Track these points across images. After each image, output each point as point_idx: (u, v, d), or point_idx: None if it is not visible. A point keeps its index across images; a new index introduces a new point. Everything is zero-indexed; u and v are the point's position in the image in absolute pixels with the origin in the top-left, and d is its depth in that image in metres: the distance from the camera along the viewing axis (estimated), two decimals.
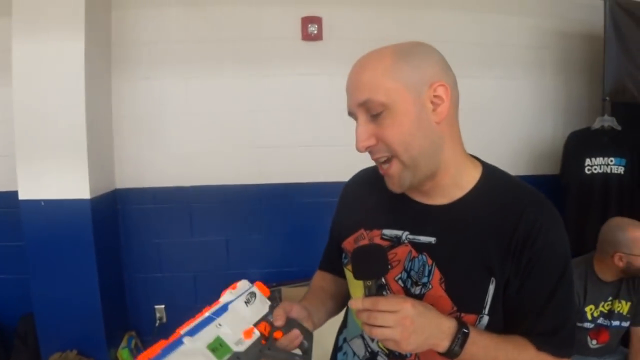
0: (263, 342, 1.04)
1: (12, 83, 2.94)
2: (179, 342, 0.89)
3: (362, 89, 1.06)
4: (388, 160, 1.10)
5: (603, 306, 2.51)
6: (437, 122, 1.07)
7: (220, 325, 0.97)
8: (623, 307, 2.52)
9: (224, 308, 1.02)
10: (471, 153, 1.21)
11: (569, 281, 1.10)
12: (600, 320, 2.52)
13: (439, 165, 1.11)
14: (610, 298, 2.52)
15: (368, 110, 1.06)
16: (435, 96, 1.05)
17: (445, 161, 1.11)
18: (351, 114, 1.12)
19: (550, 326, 1.09)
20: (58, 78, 2.96)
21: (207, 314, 1.00)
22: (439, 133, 1.08)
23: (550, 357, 1.09)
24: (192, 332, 0.93)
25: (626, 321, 2.54)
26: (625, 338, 2.65)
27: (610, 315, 2.52)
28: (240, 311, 1.04)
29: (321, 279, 1.47)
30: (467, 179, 1.15)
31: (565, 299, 1.10)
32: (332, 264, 1.42)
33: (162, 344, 0.88)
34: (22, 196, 3.01)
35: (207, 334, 0.94)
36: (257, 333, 1.03)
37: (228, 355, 0.93)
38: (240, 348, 0.97)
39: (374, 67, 1.06)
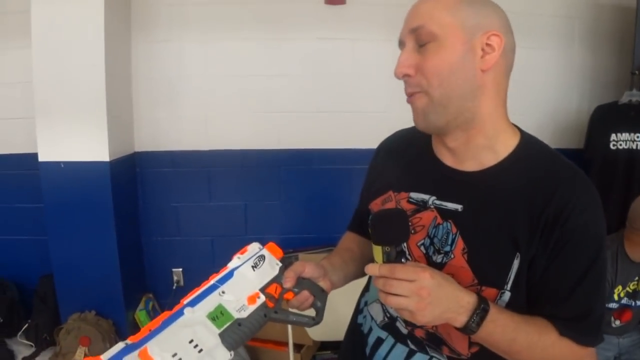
0: (271, 305, 1.02)
1: (31, 45, 2.90)
2: (179, 314, 0.89)
3: (418, 16, 1.04)
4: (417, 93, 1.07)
5: (629, 286, 2.50)
6: (482, 69, 1.03)
7: (223, 292, 0.97)
8: None
9: (230, 275, 1.01)
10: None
11: (602, 266, 1.05)
12: (625, 301, 2.51)
13: (474, 118, 1.06)
14: (636, 278, 2.50)
15: (417, 39, 1.04)
16: (487, 44, 1.02)
17: (481, 116, 1.07)
18: (401, 42, 1.09)
19: (576, 312, 1.03)
20: (77, 39, 2.91)
21: (212, 281, 0.99)
22: (480, 81, 1.04)
23: (573, 344, 1.04)
24: (194, 302, 0.93)
25: None
26: None
27: (635, 295, 2.51)
28: (247, 276, 1.03)
29: (349, 241, 1.46)
30: (503, 145, 1.10)
31: (596, 285, 1.04)
32: (361, 225, 1.38)
33: (164, 315, 0.88)
34: (41, 158, 3.01)
35: (209, 303, 0.94)
36: (262, 298, 1.01)
37: (229, 323, 0.92)
38: (243, 314, 0.96)
39: (437, 0, 1.04)
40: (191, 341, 0.85)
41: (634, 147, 3.18)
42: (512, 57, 1.07)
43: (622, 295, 2.49)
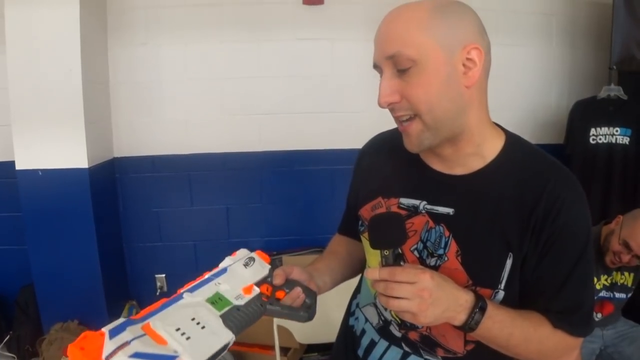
0: (264, 299, 1.05)
1: (5, 50, 2.86)
2: (179, 298, 0.90)
3: (392, 41, 1.00)
4: (410, 119, 1.04)
5: (606, 280, 2.52)
6: (466, 86, 1.01)
7: (219, 283, 0.98)
8: (627, 278, 2.53)
9: (223, 270, 1.03)
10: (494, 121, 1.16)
11: (589, 260, 1.08)
12: (603, 294, 2.53)
13: (462, 131, 1.06)
14: (612, 272, 2.52)
15: (395, 65, 1.00)
16: (468, 59, 1.00)
17: (469, 128, 1.06)
18: (376, 66, 1.06)
19: (568, 304, 1.07)
20: (53, 44, 2.87)
21: (207, 276, 1.00)
22: (466, 98, 1.03)
23: (566, 335, 1.07)
24: (191, 290, 0.94)
25: (629, 292, 2.56)
26: (624, 308, 2.66)
27: (613, 287, 2.53)
28: (239, 272, 1.05)
29: (336, 245, 1.46)
30: (489, 149, 1.11)
31: (585, 277, 1.08)
32: (351, 228, 1.39)
33: (163, 301, 0.89)
34: (19, 166, 2.96)
35: (207, 291, 0.95)
36: (256, 289, 1.03)
37: (228, 308, 0.94)
38: (240, 302, 0.97)
39: (407, 19, 1.00)
40: (193, 319, 0.86)
41: (614, 141, 3.21)
42: (489, 59, 1.06)
43: (598, 287, 2.51)
